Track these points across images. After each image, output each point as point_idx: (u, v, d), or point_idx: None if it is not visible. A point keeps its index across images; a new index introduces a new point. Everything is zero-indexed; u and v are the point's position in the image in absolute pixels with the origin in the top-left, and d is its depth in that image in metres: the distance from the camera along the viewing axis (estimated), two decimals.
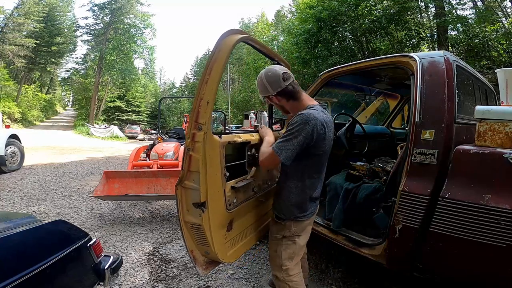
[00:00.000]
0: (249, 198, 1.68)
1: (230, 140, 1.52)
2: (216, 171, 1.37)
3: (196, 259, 1.48)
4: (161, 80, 59.32)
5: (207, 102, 1.27)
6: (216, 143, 1.38)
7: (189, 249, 1.45)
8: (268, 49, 1.83)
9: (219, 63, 1.31)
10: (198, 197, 1.30)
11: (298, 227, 1.53)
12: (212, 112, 1.34)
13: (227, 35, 1.37)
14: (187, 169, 1.32)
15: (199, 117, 1.28)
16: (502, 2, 11.15)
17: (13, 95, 25.84)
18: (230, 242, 1.55)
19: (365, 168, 2.57)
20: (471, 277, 1.38)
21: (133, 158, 4.26)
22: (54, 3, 31.27)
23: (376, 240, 1.79)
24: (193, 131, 1.28)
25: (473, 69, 2.14)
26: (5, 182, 5.25)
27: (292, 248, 1.55)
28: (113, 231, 3.16)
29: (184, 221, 1.39)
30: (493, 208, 1.24)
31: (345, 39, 14.81)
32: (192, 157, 1.29)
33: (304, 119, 1.28)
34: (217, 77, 1.31)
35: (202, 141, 1.27)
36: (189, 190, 1.34)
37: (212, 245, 1.38)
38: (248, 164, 1.73)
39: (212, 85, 1.29)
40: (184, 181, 1.33)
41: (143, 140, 23.02)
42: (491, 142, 1.37)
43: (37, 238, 1.10)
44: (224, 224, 1.48)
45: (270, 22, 34.54)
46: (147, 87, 40.41)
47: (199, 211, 1.32)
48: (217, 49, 1.32)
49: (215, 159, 1.37)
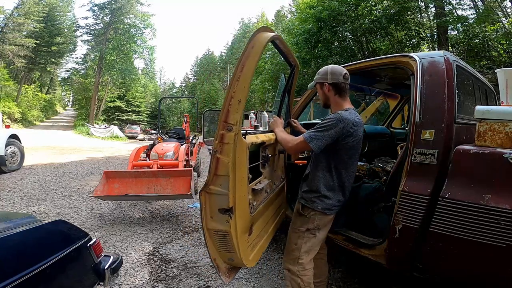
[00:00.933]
0: (264, 199, 1.66)
1: (253, 141, 1.47)
2: (243, 174, 1.31)
3: (219, 267, 1.41)
4: (161, 80, 59.37)
5: (238, 101, 1.20)
6: (244, 144, 1.31)
7: (212, 258, 1.38)
8: (288, 50, 1.81)
9: (252, 60, 1.25)
10: (226, 202, 1.23)
11: (321, 220, 1.60)
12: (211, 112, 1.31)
13: (260, 31, 1.34)
14: (214, 173, 1.23)
15: (229, 116, 1.20)
16: (502, 2, 11.15)
17: (13, 95, 25.84)
18: (251, 246, 1.50)
19: (365, 168, 2.58)
20: (471, 277, 1.38)
21: (133, 158, 4.26)
22: (54, 3, 31.26)
23: (376, 240, 1.79)
24: (221, 131, 1.20)
25: (473, 69, 2.14)
26: (5, 182, 5.25)
27: (312, 242, 1.62)
28: (113, 231, 3.16)
29: (207, 228, 1.32)
30: (493, 208, 1.24)
31: (345, 39, 14.81)
32: (220, 160, 1.21)
33: (338, 118, 1.46)
34: (250, 75, 1.24)
35: (233, 143, 1.19)
36: (215, 196, 1.26)
37: (238, 251, 1.32)
38: (262, 165, 1.69)
39: (244, 83, 1.22)
40: (210, 186, 1.25)
41: (143, 140, 23.02)
42: (491, 142, 1.37)
43: (37, 238, 1.10)
44: (247, 229, 1.44)
45: (270, 22, 34.58)
46: (147, 87, 40.39)
47: (226, 217, 1.25)
48: (250, 45, 1.26)
49: (242, 161, 1.30)
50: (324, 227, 1.63)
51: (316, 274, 1.87)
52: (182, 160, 4.23)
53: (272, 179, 1.84)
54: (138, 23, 31.43)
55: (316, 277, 1.87)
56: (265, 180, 1.66)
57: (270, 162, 1.78)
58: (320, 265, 1.88)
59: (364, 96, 3.77)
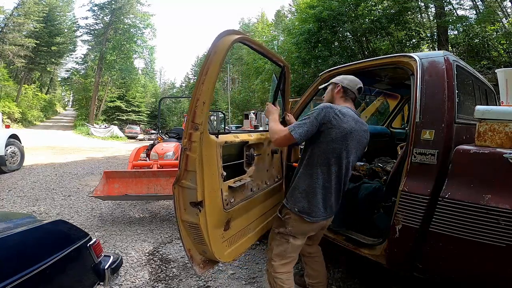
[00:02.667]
0: (248, 197, 1.68)
1: (227, 140, 1.52)
2: (212, 170, 1.38)
3: (194, 258, 1.48)
4: (161, 80, 59.41)
5: (203, 102, 1.28)
6: (212, 143, 1.39)
7: (186, 248, 1.46)
8: (265, 49, 1.82)
9: (215, 64, 1.31)
10: (195, 196, 1.31)
11: (296, 227, 1.51)
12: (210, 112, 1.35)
13: (223, 36, 1.36)
14: (184, 168, 1.32)
15: (195, 117, 1.29)
16: (502, 2, 11.15)
17: (13, 95, 25.84)
18: (228, 242, 1.55)
19: (365, 168, 2.57)
20: (471, 277, 1.38)
21: (133, 158, 4.26)
22: (54, 3, 31.26)
23: (376, 240, 1.79)
24: (189, 131, 1.29)
25: (473, 69, 2.14)
26: (5, 182, 5.25)
27: (284, 247, 1.56)
28: (113, 231, 3.16)
29: (182, 220, 1.40)
30: (493, 208, 1.24)
31: (345, 39, 14.81)
32: (189, 157, 1.31)
33: (322, 105, 1.44)
34: (213, 78, 1.31)
35: (199, 141, 1.28)
36: (186, 189, 1.34)
37: (209, 244, 1.39)
38: (246, 164, 1.72)
39: (208, 85, 1.29)
40: (181, 180, 1.34)
41: (143, 140, 23.03)
42: (491, 142, 1.37)
43: (37, 238, 1.10)
44: (221, 224, 1.49)
45: (270, 22, 34.56)
46: (147, 87, 40.41)
47: (196, 210, 1.33)
48: (212, 50, 1.32)
49: (211, 158, 1.37)
50: (301, 236, 1.53)
51: (312, 275, 1.88)
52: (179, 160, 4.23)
53: (261, 178, 1.85)
54: (138, 23, 31.45)
55: (312, 278, 1.88)
56: (247, 179, 1.68)
57: (257, 161, 1.81)
58: (315, 267, 1.87)
59: (364, 96, 3.77)
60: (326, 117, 1.39)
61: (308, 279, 1.92)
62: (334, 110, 1.41)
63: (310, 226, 1.51)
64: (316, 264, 1.88)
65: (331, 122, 1.39)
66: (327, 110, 1.40)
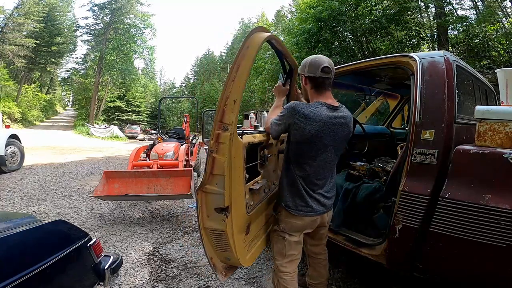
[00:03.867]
0: (262, 199, 1.66)
1: (249, 141, 1.47)
2: (239, 173, 1.32)
3: (216, 266, 1.42)
4: (161, 80, 59.31)
5: (234, 100, 1.21)
6: (240, 144, 1.31)
7: (208, 256, 1.39)
8: (286, 50, 1.79)
9: (247, 60, 1.26)
10: (222, 202, 1.23)
11: (287, 223, 1.52)
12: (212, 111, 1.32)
13: (255, 32, 1.34)
14: (210, 173, 1.23)
15: (224, 116, 1.21)
16: (502, 2, 11.15)
17: (13, 95, 25.84)
18: (248, 246, 1.51)
19: (365, 168, 2.57)
20: (471, 277, 1.38)
21: (133, 158, 4.26)
22: (54, 3, 31.26)
23: (376, 240, 1.79)
24: (217, 131, 1.20)
25: (473, 69, 2.14)
26: (5, 182, 5.25)
27: (282, 245, 1.56)
28: (113, 231, 3.16)
29: (204, 227, 1.32)
30: (493, 208, 1.24)
31: (345, 39, 14.81)
32: (216, 160, 1.21)
33: (289, 105, 1.42)
34: (245, 75, 1.25)
35: (228, 142, 1.19)
36: (211, 195, 1.26)
37: (234, 250, 1.33)
38: (260, 165, 1.69)
39: (239, 83, 1.23)
40: (206, 185, 1.25)
41: (143, 140, 23.02)
42: (491, 142, 1.37)
43: (37, 238, 1.10)
44: (244, 228, 1.44)
45: (270, 22, 34.53)
46: (147, 87, 40.38)
47: (222, 216, 1.25)
48: (245, 45, 1.27)
49: (239, 161, 1.31)
50: (295, 232, 1.53)
51: (313, 276, 1.89)
52: (182, 160, 4.23)
53: (271, 179, 1.84)
54: (138, 23, 31.44)
55: (313, 279, 1.89)
56: (262, 180, 1.66)
57: (268, 161, 1.79)
58: (318, 268, 1.87)
59: (364, 96, 3.77)
60: (291, 119, 1.38)
61: (309, 279, 1.93)
62: (298, 113, 1.35)
63: (300, 220, 1.49)
64: (320, 266, 1.87)
65: (296, 124, 1.37)
66: (291, 113, 1.37)
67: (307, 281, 1.94)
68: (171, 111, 45.07)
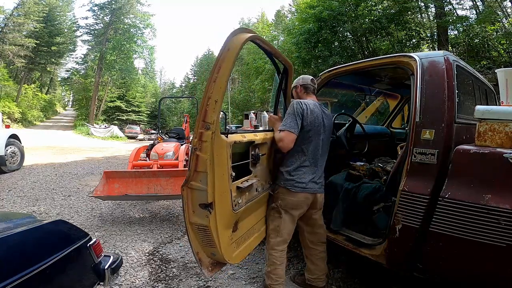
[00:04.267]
0: (254, 198, 1.67)
1: (236, 139, 1.50)
2: (223, 171, 1.35)
3: (202, 261, 1.46)
4: (161, 80, 59.30)
5: (215, 101, 1.25)
6: (223, 142, 1.35)
7: (194, 251, 1.43)
8: (274, 49, 1.82)
9: (228, 62, 1.29)
10: (205, 198, 1.28)
11: (284, 200, 1.72)
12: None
13: (236, 33, 1.35)
14: (194, 170, 1.29)
15: (207, 116, 1.25)
16: (502, 2, 11.15)
17: (13, 95, 25.83)
18: (236, 243, 1.53)
19: (365, 168, 2.57)
20: (471, 277, 1.38)
21: (133, 158, 4.25)
22: (54, 3, 31.24)
23: (376, 240, 1.79)
24: (200, 130, 1.26)
25: (473, 69, 2.14)
26: (5, 182, 5.25)
27: (277, 222, 1.77)
28: (113, 231, 3.16)
29: (190, 222, 1.37)
30: (493, 208, 1.24)
31: (345, 39, 14.81)
32: (200, 157, 1.27)
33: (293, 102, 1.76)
34: (226, 76, 1.28)
35: (210, 141, 1.24)
36: (196, 191, 1.32)
37: (218, 246, 1.36)
38: (252, 164, 1.71)
39: (220, 84, 1.26)
40: (191, 181, 1.31)
41: (143, 140, 23.01)
42: (491, 142, 1.37)
43: (37, 238, 1.10)
44: (230, 225, 1.47)
45: (270, 22, 34.55)
46: (147, 87, 40.36)
47: (206, 212, 1.30)
48: (226, 48, 1.30)
49: (222, 159, 1.34)
50: (290, 210, 1.75)
51: (311, 270, 1.95)
52: (182, 160, 4.23)
53: (265, 179, 1.84)
54: (138, 23, 31.40)
55: (311, 273, 1.95)
56: (253, 179, 1.67)
57: (262, 161, 1.81)
58: (315, 260, 1.94)
59: (364, 96, 3.77)
60: (299, 109, 1.70)
61: (307, 273, 1.97)
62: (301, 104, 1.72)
63: (295, 197, 1.73)
64: (317, 258, 1.93)
65: (303, 113, 1.70)
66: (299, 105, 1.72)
67: (306, 276, 1.98)
68: (171, 111, 45.06)
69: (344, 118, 2.94)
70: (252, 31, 1.51)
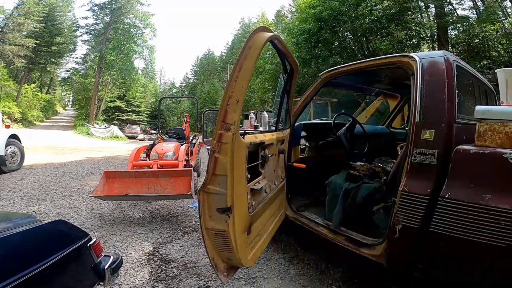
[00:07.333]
0: (264, 199, 1.65)
1: (251, 141, 1.47)
2: (241, 173, 1.31)
3: (218, 267, 1.41)
4: (161, 80, 59.21)
5: (236, 100, 1.20)
6: (242, 144, 1.31)
7: (210, 257, 1.38)
8: (287, 50, 1.78)
9: (250, 60, 1.25)
10: (224, 202, 1.23)
11: None
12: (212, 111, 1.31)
13: (260, 30, 1.33)
14: (212, 173, 1.23)
15: (227, 116, 1.20)
16: (502, 2, 11.14)
17: (13, 95, 25.81)
18: (250, 246, 1.50)
19: (365, 168, 2.57)
20: (471, 277, 1.38)
21: (133, 158, 4.25)
22: (54, 3, 31.24)
23: (376, 240, 1.79)
24: (219, 131, 1.20)
25: (473, 69, 2.14)
26: (5, 182, 5.25)
27: None
28: (113, 231, 3.16)
29: (206, 228, 1.32)
30: (493, 208, 1.24)
31: (346, 39, 14.82)
32: (218, 160, 1.21)
33: None
34: (248, 75, 1.24)
35: (231, 143, 1.19)
36: (213, 195, 1.26)
37: (236, 250, 1.32)
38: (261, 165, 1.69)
39: (242, 83, 1.22)
40: (208, 185, 1.25)
41: (143, 140, 23.01)
42: (491, 142, 1.37)
43: (37, 238, 1.10)
44: (246, 228, 1.43)
45: (270, 22, 34.53)
46: (147, 87, 40.34)
47: (224, 216, 1.25)
48: (248, 45, 1.26)
49: (241, 161, 1.30)
50: None
51: None
52: (182, 160, 4.23)
53: (271, 179, 1.84)
54: (138, 23, 31.40)
55: None
56: (264, 180, 1.66)
57: (269, 162, 1.79)
58: None
59: (364, 96, 3.77)
60: None
61: None
62: None
63: None
64: None
65: None
66: None
67: None
68: (171, 111, 45.04)
69: (344, 118, 2.94)
70: (271, 31, 1.48)
